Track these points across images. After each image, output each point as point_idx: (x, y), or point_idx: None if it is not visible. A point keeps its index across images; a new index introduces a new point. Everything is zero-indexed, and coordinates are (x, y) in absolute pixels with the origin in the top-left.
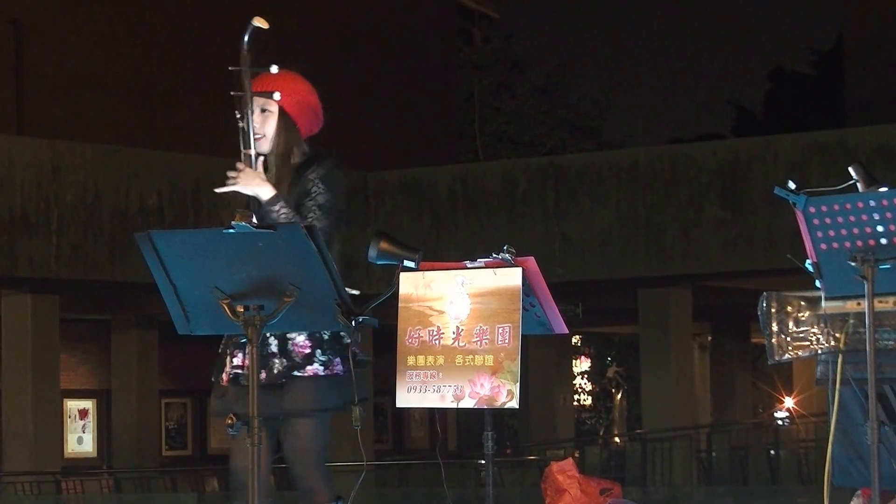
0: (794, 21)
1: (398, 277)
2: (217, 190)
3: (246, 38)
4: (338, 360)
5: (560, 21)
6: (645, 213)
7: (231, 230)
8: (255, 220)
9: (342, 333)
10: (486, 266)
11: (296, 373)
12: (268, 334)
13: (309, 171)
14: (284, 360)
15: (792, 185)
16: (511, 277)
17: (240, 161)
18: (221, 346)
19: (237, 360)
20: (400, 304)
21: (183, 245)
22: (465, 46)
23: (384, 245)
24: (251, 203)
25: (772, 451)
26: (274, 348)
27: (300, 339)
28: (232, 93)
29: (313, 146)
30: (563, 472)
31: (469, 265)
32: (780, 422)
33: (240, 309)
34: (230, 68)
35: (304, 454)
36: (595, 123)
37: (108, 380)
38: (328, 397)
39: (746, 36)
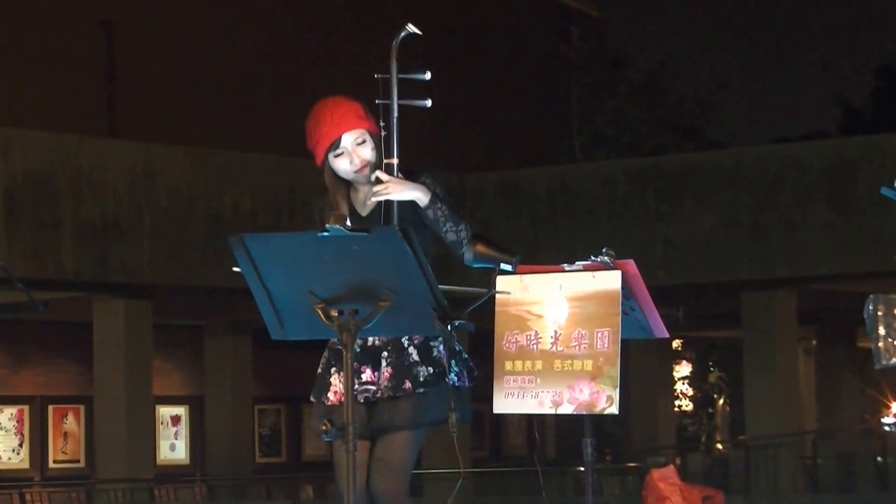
0: None
1: (495, 281)
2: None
3: (396, 44)
4: (465, 372)
5: (661, 18)
6: (749, 214)
7: (325, 233)
8: (348, 223)
9: (458, 348)
10: (585, 269)
11: (445, 379)
12: (406, 344)
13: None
14: (431, 368)
15: None
16: (610, 280)
17: (379, 170)
18: (322, 366)
19: (365, 377)
20: (497, 308)
21: (277, 249)
22: (564, 45)
23: (480, 248)
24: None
25: (879, 459)
26: (416, 356)
27: (440, 348)
28: (377, 101)
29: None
30: (665, 479)
31: (567, 268)
32: (887, 428)
33: (334, 313)
34: (376, 76)
35: (400, 466)
36: (698, 123)
37: (202, 386)
38: (446, 408)
39: (853, 32)
